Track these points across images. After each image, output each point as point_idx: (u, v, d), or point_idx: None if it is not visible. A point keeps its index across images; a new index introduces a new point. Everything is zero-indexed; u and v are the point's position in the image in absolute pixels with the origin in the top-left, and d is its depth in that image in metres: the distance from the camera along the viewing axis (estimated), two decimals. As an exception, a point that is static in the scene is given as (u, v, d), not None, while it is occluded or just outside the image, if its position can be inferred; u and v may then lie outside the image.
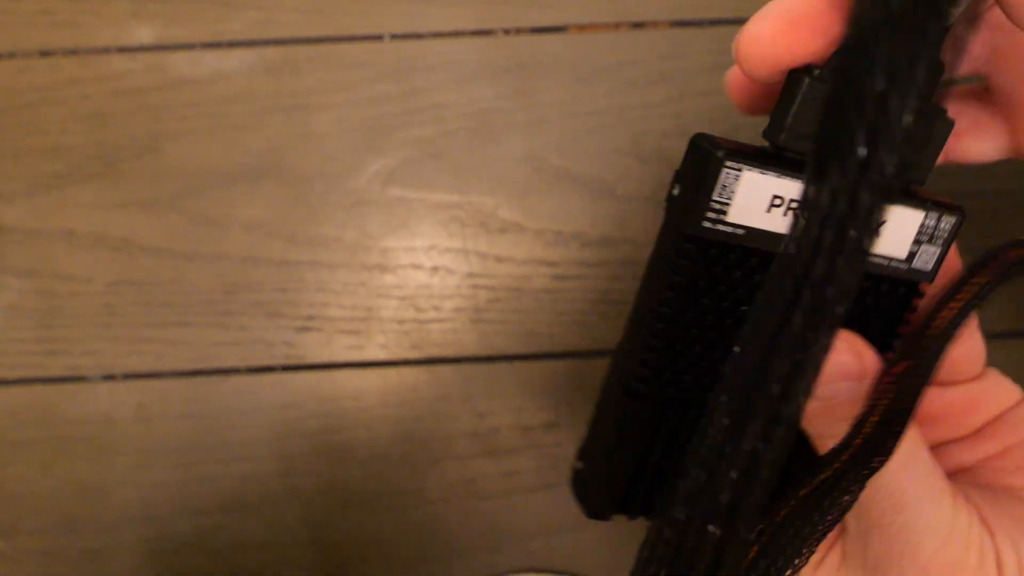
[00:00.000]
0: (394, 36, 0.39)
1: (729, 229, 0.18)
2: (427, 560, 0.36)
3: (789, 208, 0.18)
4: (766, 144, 0.18)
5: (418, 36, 0.39)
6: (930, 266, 0.20)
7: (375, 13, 0.39)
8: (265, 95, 0.38)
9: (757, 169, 0.17)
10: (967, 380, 0.23)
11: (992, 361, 0.37)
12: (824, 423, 0.19)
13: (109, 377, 0.36)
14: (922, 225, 0.20)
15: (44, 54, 0.39)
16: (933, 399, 0.22)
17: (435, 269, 0.37)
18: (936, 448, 0.22)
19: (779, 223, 0.18)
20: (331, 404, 0.36)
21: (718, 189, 0.17)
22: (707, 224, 0.17)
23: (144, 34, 0.39)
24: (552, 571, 0.36)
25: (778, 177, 0.17)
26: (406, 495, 0.36)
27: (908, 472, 0.19)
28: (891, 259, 0.20)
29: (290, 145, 0.38)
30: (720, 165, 0.17)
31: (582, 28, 0.38)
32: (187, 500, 0.36)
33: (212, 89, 0.38)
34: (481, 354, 0.37)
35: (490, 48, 0.38)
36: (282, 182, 0.37)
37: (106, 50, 0.39)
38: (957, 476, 0.22)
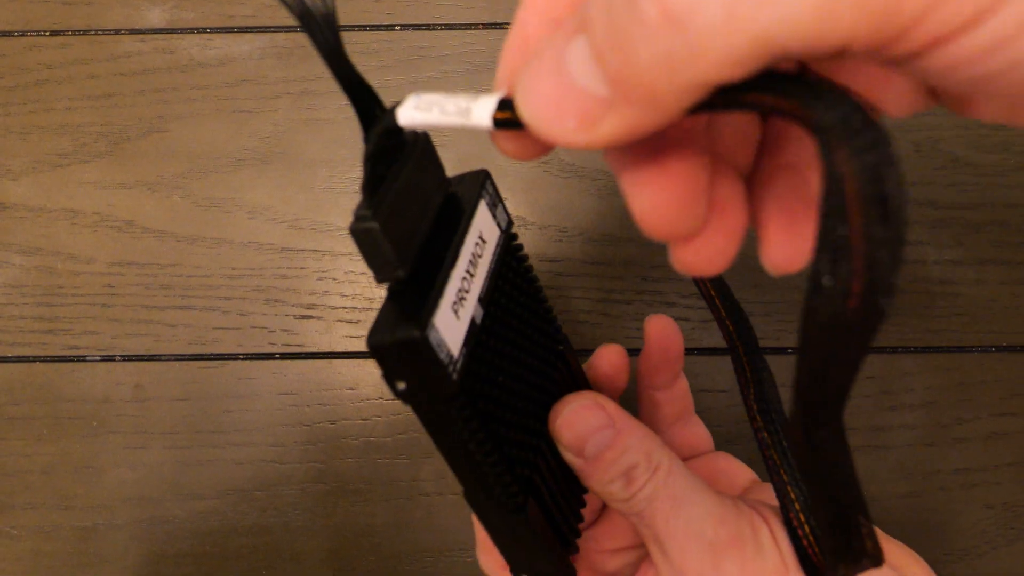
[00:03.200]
0: (405, 26, 0.38)
1: (462, 359, 0.18)
2: (419, 552, 0.36)
3: (462, 300, 0.19)
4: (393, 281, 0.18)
5: (429, 27, 0.38)
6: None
7: (387, 2, 0.39)
8: (273, 80, 0.38)
9: (436, 311, 0.17)
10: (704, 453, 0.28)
11: (1002, 375, 0.36)
12: (598, 478, 0.22)
13: (108, 358, 0.36)
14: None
15: (55, 33, 0.39)
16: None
17: (437, 261, 0.37)
18: None
19: (465, 317, 0.19)
20: (328, 392, 0.36)
21: (439, 354, 0.17)
22: (456, 376, 0.18)
23: (155, 16, 0.39)
24: None
25: (444, 298, 0.18)
26: (400, 486, 0.36)
27: (676, 477, 0.22)
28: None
29: (297, 130, 0.38)
30: (422, 342, 0.17)
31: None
32: (181, 482, 0.36)
33: (220, 72, 0.38)
34: (480, 348, 0.37)
35: (501, 40, 0.38)
36: (287, 167, 0.37)
37: (117, 31, 0.39)
38: None
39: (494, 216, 0.21)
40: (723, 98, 0.12)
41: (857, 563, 0.18)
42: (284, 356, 0.36)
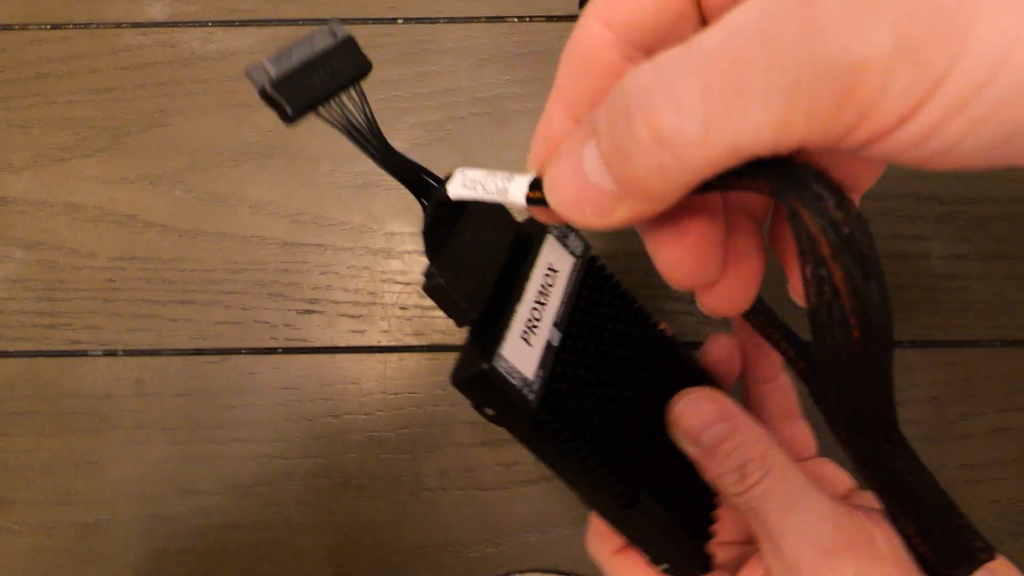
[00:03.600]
0: (407, 20, 0.38)
1: (539, 380, 0.20)
2: (422, 548, 0.36)
3: (532, 328, 0.21)
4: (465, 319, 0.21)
5: (432, 20, 0.38)
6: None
7: (389, -5, 0.38)
8: (275, 74, 0.38)
9: (503, 343, 0.20)
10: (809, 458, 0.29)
11: (1007, 370, 0.36)
12: (713, 469, 0.23)
13: (109, 352, 0.36)
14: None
15: (56, 26, 0.38)
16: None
17: (440, 255, 0.37)
18: None
19: (539, 342, 0.21)
20: (331, 387, 0.36)
21: (510, 379, 0.19)
22: (532, 396, 0.20)
23: (156, 10, 0.39)
24: (557, 571, 0.36)
25: (511, 330, 0.20)
26: (403, 481, 0.36)
27: (790, 479, 0.22)
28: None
29: (298, 125, 0.37)
30: (492, 370, 0.19)
31: (597, 17, 0.37)
32: (183, 478, 0.36)
33: (222, 66, 0.38)
34: (484, 343, 0.36)
35: (504, 34, 0.38)
36: (289, 162, 0.37)
37: (118, 25, 0.38)
38: None
39: (565, 246, 0.23)
40: (711, 185, 0.15)
41: (973, 560, 0.19)
42: (286, 351, 0.36)
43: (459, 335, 0.36)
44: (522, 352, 0.20)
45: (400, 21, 0.38)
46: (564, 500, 0.36)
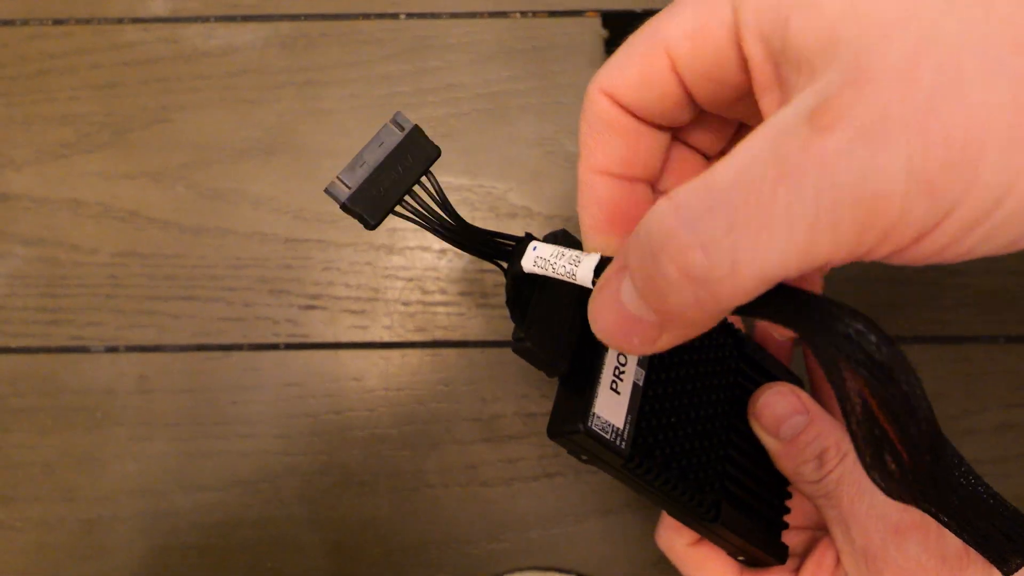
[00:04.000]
0: (410, 15, 0.38)
1: (629, 426, 0.22)
2: (424, 544, 0.36)
3: (619, 375, 0.22)
4: (554, 372, 0.22)
5: (434, 15, 0.38)
6: None
7: (391, -9, 0.38)
8: (277, 69, 0.38)
9: (595, 399, 0.21)
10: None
11: (1010, 365, 0.36)
12: (792, 459, 0.24)
13: (112, 348, 0.36)
14: None
15: (58, 22, 0.38)
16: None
17: (443, 252, 0.37)
18: None
19: (626, 388, 0.22)
20: (333, 384, 0.36)
21: (603, 432, 0.21)
22: (624, 444, 0.21)
23: (158, 5, 0.39)
24: (558, 569, 0.36)
25: (600, 384, 0.22)
26: (405, 478, 0.36)
27: (859, 468, 0.23)
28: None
29: (301, 120, 0.37)
30: (589, 431, 0.21)
31: (599, 12, 0.37)
32: (185, 474, 0.36)
33: (224, 62, 0.38)
34: (486, 339, 0.36)
35: (506, 30, 0.38)
36: (292, 157, 0.37)
37: (120, 20, 0.38)
38: None
39: None
40: (742, 310, 0.16)
41: None
42: (289, 347, 0.36)
43: (461, 331, 0.36)
44: (612, 403, 0.22)
45: (403, 16, 0.38)
46: (566, 497, 0.36)
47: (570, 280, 0.20)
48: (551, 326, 0.21)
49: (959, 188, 0.13)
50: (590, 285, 0.19)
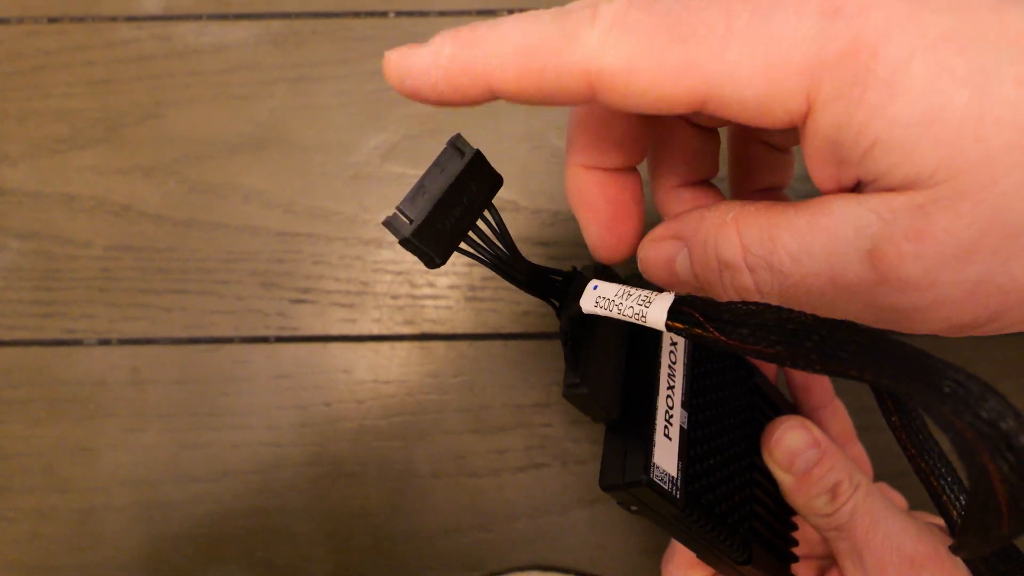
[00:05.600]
0: (399, 13, 0.39)
1: (681, 475, 0.21)
2: (413, 534, 0.36)
3: (669, 420, 0.21)
4: (607, 423, 0.21)
5: (423, 13, 0.39)
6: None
7: (381, -11, 0.39)
8: (269, 66, 0.38)
9: (654, 449, 0.20)
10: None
11: (995, 356, 0.36)
12: (804, 494, 0.24)
13: (104, 341, 0.37)
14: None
15: (52, 20, 0.39)
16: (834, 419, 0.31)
17: (431, 245, 0.37)
18: None
19: (675, 434, 0.22)
20: (323, 376, 0.37)
21: (664, 485, 0.20)
22: (679, 495, 0.21)
23: (151, 3, 0.39)
24: (558, 569, 0.36)
25: (656, 433, 0.21)
26: (395, 468, 0.36)
27: (873, 496, 0.24)
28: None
29: (292, 116, 0.38)
30: (652, 483, 0.20)
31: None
32: (178, 465, 0.36)
33: (216, 59, 0.38)
34: (474, 332, 0.37)
35: (494, 27, 0.38)
36: (282, 153, 0.38)
37: (113, 18, 0.39)
38: None
39: None
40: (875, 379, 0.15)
41: None
42: (279, 339, 0.37)
43: (449, 324, 0.37)
44: (666, 451, 0.21)
45: (392, 14, 0.39)
46: (554, 487, 0.36)
47: (639, 322, 0.19)
48: (601, 369, 0.20)
49: None
50: (663, 328, 0.18)
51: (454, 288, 0.37)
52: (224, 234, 0.37)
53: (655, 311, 0.18)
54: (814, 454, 0.24)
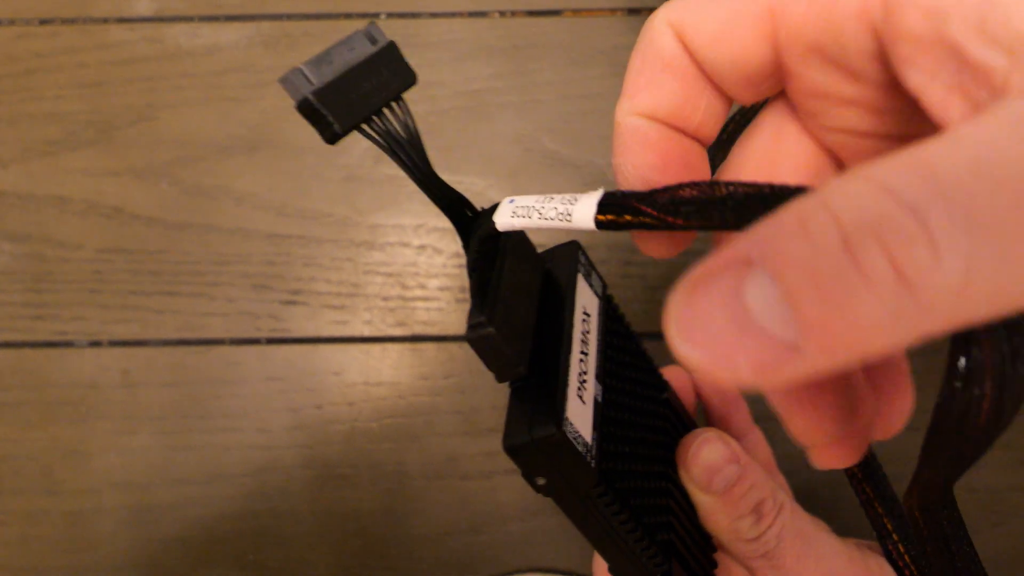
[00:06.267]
0: (391, 14, 0.39)
1: (595, 443, 0.18)
2: (406, 537, 0.36)
3: (583, 383, 0.19)
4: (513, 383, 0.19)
5: (414, 15, 0.39)
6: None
7: (373, -9, 0.39)
8: (260, 68, 0.38)
9: (567, 403, 0.18)
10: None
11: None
12: (727, 515, 0.21)
13: (95, 343, 0.37)
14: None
15: (44, 22, 0.39)
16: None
17: (422, 247, 0.37)
18: None
19: (589, 399, 0.19)
20: (314, 378, 0.37)
21: (577, 444, 0.17)
22: (595, 464, 0.18)
23: (143, 6, 0.39)
24: (557, 571, 0.36)
25: (568, 387, 0.18)
26: (386, 471, 0.36)
27: (799, 517, 0.22)
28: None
29: (283, 118, 0.38)
30: (563, 438, 0.17)
31: (577, 12, 0.38)
32: (168, 468, 0.36)
33: (208, 61, 0.38)
34: (465, 333, 0.37)
35: (485, 29, 0.38)
36: (274, 155, 0.38)
37: (105, 20, 0.39)
38: None
39: (591, 286, 0.21)
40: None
41: None
42: (270, 341, 0.37)
43: (440, 326, 0.37)
44: (580, 413, 0.18)
45: (383, 16, 0.39)
46: (545, 489, 0.36)
47: (561, 226, 0.16)
48: (511, 314, 0.18)
49: None
50: (592, 224, 0.15)
51: (445, 290, 0.37)
52: (216, 236, 0.37)
53: (583, 207, 0.15)
54: (734, 470, 0.21)
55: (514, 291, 0.18)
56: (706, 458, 0.21)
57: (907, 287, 0.10)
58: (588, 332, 0.20)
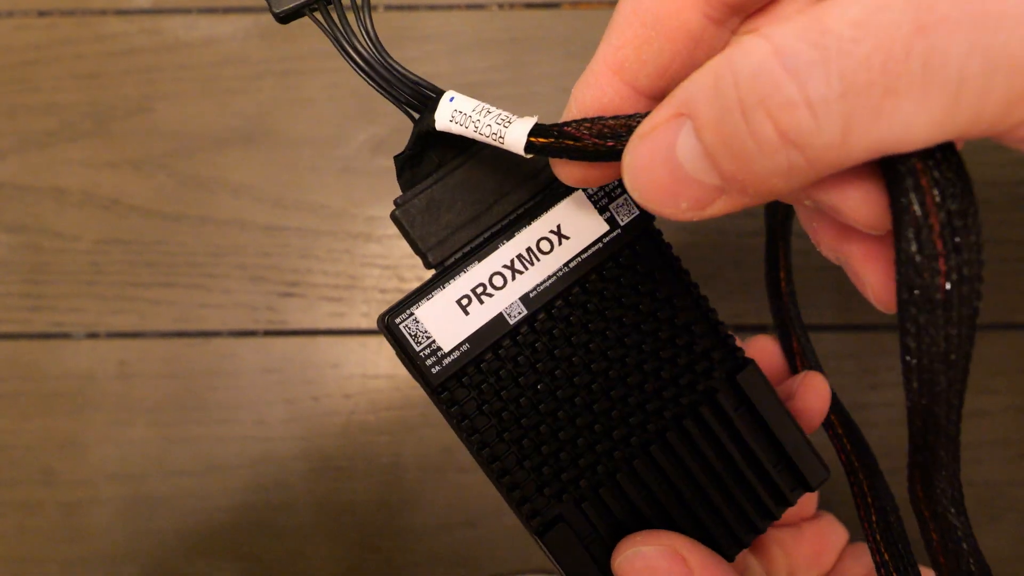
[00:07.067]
0: (389, 7, 0.39)
1: (457, 354, 0.18)
2: (402, 529, 0.36)
3: (481, 295, 0.19)
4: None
5: (412, 7, 0.39)
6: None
7: (371, -17, 0.39)
8: (258, 60, 0.38)
9: (424, 301, 0.18)
10: (807, 519, 0.26)
11: (983, 353, 0.36)
12: None
13: (92, 334, 0.37)
14: None
15: (42, 14, 0.39)
16: (798, 542, 0.25)
17: (420, 239, 0.37)
18: None
19: (483, 313, 0.19)
20: (311, 370, 0.37)
21: (413, 341, 0.18)
22: (438, 368, 0.18)
23: (142, -2, 0.39)
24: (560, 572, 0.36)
25: (443, 290, 0.18)
26: (383, 463, 0.36)
27: None
28: None
29: (281, 110, 0.38)
30: (392, 327, 0.18)
31: (575, 4, 0.38)
32: (165, 459, 0.36)
33: (206, 52, 0.38)
34: (463, 326, 0.37)
35: (483, 21, 0.38)
36: (271, 147, 0.38)
37: (103, 12, 0.39)
38: None
39: (602, 209, 0.19)
40: None
41: None
42: (267, 333, 0.37)
43: (438, 318, 0.37)
44: (449, 319, 0.18)
45: (381, 8, 0.39)
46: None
47: (495, 143, 0.16)
48: (453, 208, 0.18)
49: None
50: (522, 151, 0.16)
51: (442, 282, 0.37)
52: (213, 228, 0.37)
53: (515, 131, 0.16)
54: None
55: (459, 188, 0.19)
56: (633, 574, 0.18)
57: (794, 146, 0.12)
58: (545, 252, 0.19)
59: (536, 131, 0.16)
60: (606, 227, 0.19)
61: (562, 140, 0.16)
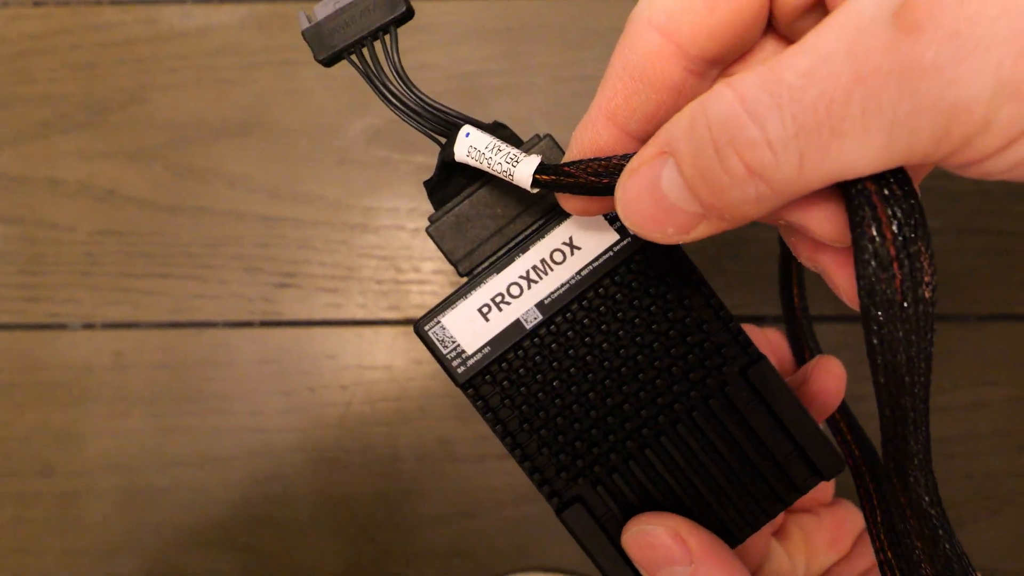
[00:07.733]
0: (385, -4, 0.38)
1: (480, 356, 0.21)
2: (399, 520, 0.36)
3: (500, 303, 0.21)
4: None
5: (409, -3, 0.38)
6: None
7: (367, -27, 0.39)
8: (254, 50, 0.38)
9: (449, 311, 0.21)
10: (825, 505, 0.28)
11: (982, 344, 0.36)
12: None
13: (88, 325, 0.37)
14: None
15: (37, 4, 0.39)
16: (817, 527, 0.27)
17: (416, 231, 0.37)
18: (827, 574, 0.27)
19: (502, 319, 0.21)
20: (308, 361, 0.36)
21: (441, 345, 0.21)
22: (463, 368, 0.21)
23: (138, -12, 0.39)
24: (561, 570, 0.36)
25: (466, 300, 0.21)
26: (379, 454, 0.36)
27: None
28: None
29: (277, 100, 0.38)
30: (422, 333, 0.21)
31: (573, -7, 0.38)
32: (161, 450, 0.36)
33: (201, 42, 0.38)
34: (460, 317, 0.37)
35: (480, 11, 0.38)
36: (267, 137, 0.37)
37: (98, 2, 0.39)
38: None
39: (610, 220, 0.21)
40: None
41: None
42: (264, 324, 0.37)
43: (434, 308, 0.37)
44: (472, 324, 0.21)
45: (378, -2, 0.38)
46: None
47: (506, 178, 0.19)
48: (472, 223, 0.21)
49: None
50: (528, 188, 0.19)
51: (439, 273, 0.37)
52: (208, 218, 0.37)
53: (523, 170, 0.18)
54: (681, 572, 0.19)
55: (484, 205, 0.21)
56: (644, 552, 0.20)
57: (760, 179, 0.14)
58: (558, 263, 0.21)
59: (540, 170, 0.18)
60: (616, 236, 0.21)
61: (563, 178, 0.18)
